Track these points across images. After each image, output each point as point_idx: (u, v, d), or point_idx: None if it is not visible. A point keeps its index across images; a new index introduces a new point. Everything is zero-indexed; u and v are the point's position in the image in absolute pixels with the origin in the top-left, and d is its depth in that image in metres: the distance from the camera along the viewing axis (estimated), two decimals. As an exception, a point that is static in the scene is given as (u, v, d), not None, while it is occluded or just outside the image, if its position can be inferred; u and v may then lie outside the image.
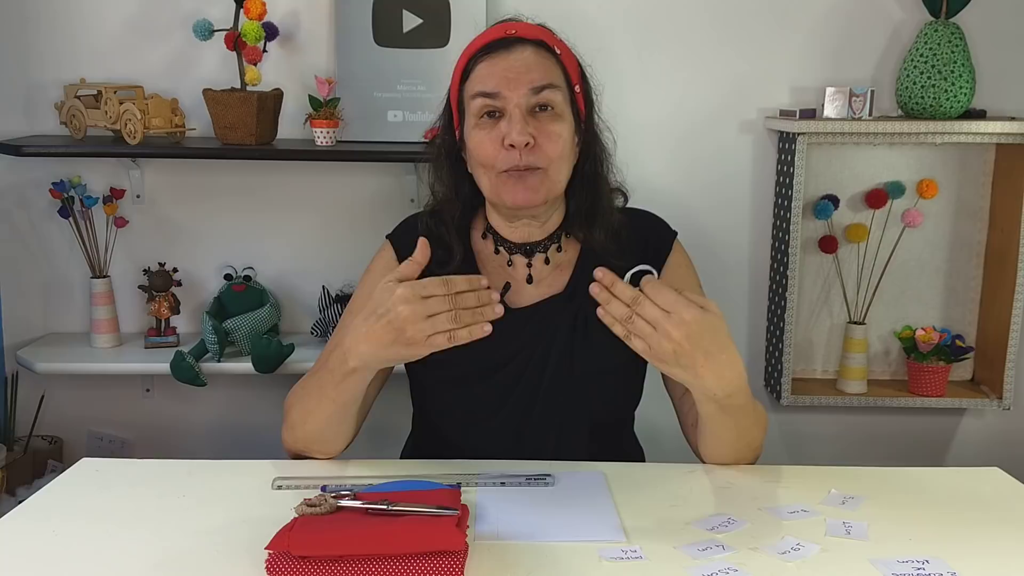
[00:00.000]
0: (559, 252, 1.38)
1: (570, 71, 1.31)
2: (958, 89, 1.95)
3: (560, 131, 1.28)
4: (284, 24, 2.03)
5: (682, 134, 2.11)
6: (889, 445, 2.26)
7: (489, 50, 1.28)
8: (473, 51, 1.30)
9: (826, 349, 2.22)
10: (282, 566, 0.93)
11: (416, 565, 0.92)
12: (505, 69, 1.26)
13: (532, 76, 1.26)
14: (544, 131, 1.26)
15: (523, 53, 1.28)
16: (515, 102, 1.25)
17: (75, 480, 1.22)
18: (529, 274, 1.37)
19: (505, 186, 1.28)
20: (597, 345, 1.31)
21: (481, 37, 1.32)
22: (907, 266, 2.17)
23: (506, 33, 1.29)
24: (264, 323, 2.03)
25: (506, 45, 1.28)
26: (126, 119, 1.89)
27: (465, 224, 1.40)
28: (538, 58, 1.28)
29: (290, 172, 2.11)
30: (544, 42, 1.30)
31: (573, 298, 1.34)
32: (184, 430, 2.22)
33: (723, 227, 2.15)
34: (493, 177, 1.29)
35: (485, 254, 1.39)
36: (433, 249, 1.29)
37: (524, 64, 1.26)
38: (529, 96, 1.26)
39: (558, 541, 1.04)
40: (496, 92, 1.26)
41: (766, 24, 2.07)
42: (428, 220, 1.38)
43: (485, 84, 1.27)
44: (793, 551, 1.03)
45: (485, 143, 1.27)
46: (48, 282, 2.16)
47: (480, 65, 1.28)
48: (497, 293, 1.11)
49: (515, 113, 1.25)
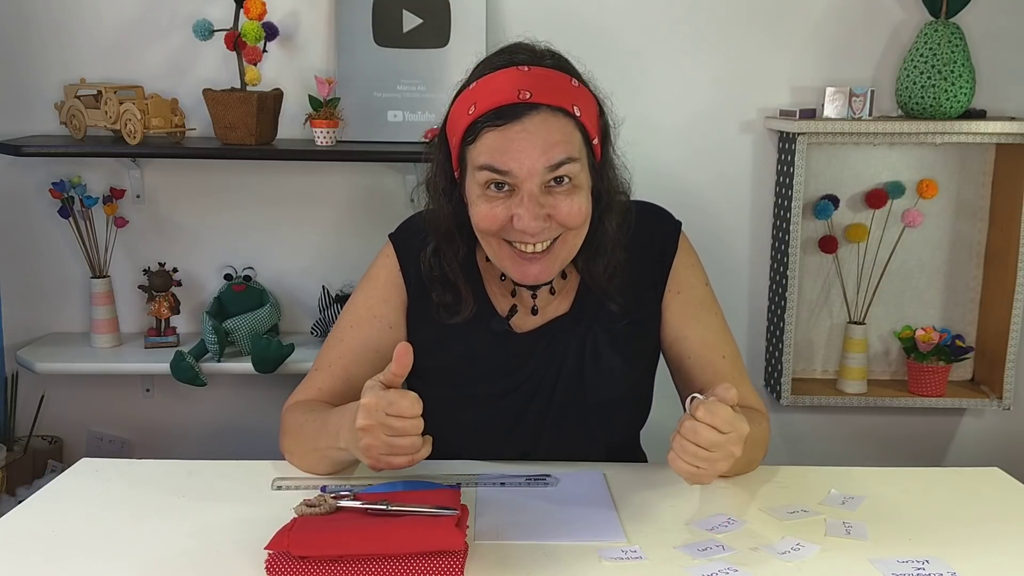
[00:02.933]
0: (564, 278, 1.30)
1: (588, 127, 1.17)
2: (958, 89, 1.95)
3: (579, 205, 1.15)
4: (284, 24, 2.03)
5: (682, 134, 2.11)
6: (889, 445, 2.26)
7: (499, 117, 1.12)
8: (479, 113, 1.13)
9: (826, 349, 2.22)
10: (282, 566, 0.93)
11: (416, 565, 0.93)
12: (518, 141, 1.11)
13: (549, 154, 1.12)
14: (560, 207, 1.14)
15: (538, 124, 1.12)
16: (529, 184, 1.12)
17: (75, 480, 1.22)
18: (534, 306, 1.29)
19: (513, 261, 1.18)
20: (607, 371, 1.28)
21: (489, 91, 1.14)
22: (907, 266, 2.17)
23: (519, 98, 1.12)
24: (264, 323, 2.03)
25: (517, 114, 1.12)
26: (126, 119, 1.89)
27: (469, 252, 1.28)
28: (555, 128, 1.13)
29: (290, 172, 2.11)
30: (562, 108, 1.14)
31: (579, 320, 1.29)
32: (184, 430, 2.22)
33: (723, 227, 2.15)
34: (496, 246, 1.19)
35: (490, 274, 1.30)
36: (441, 297, 1.27)
37: (540, 136, 1.12)
38: (544, 174, 1.13)
39: (558, 541, 1.04)
40: (507, 171, 1.12)
41: (766, 24, 2.07)
42: (431, 260, 1.26)
43: (494, 159, 1.12)
44: (793, 551, 1.02)
45: (489, 217, 1.15)
46: (48, 282, 2.16)
47: (488, 134, 1.13)
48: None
49: (527, 197, 1.12)
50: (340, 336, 1.33)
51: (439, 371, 1.30)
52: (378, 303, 1.31)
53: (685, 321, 1.32)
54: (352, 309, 1.33)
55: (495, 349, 1.28)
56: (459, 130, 1.16)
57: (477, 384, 1.29)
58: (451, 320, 1.26)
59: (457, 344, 1.29)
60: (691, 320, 1.32)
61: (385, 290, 1.31)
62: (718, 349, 1.32)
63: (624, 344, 1.30)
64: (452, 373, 1.29)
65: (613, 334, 1.29)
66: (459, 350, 1.29)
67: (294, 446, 1.25)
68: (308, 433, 1.22)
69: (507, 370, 1.28)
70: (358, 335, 1.31)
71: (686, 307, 1.32)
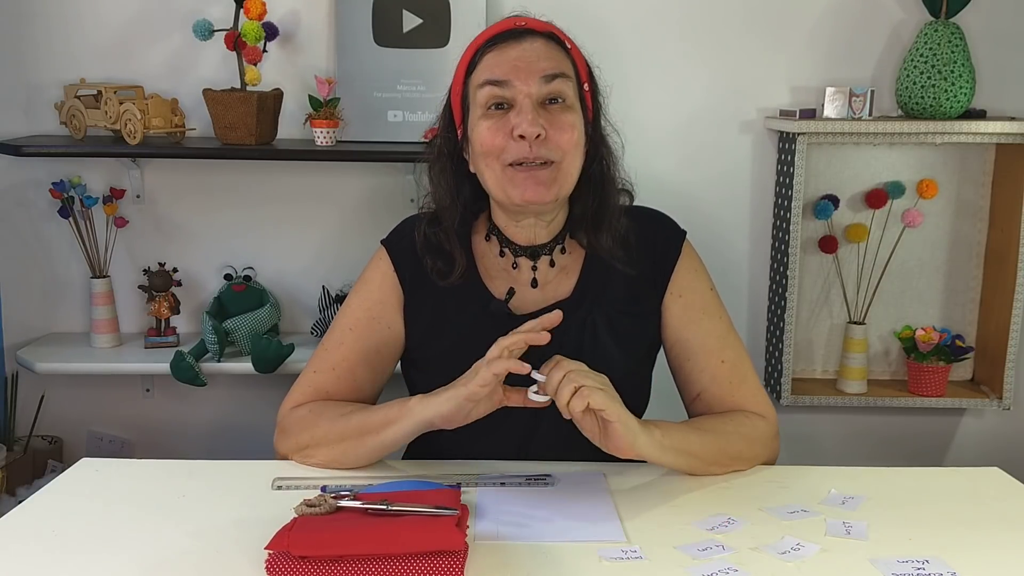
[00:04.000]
0: (563, 254, 1.34)
1: (579, 67, 1.29)
2: (958, 89, 1.95)
3: (573, 122, 1.24)
4: (284, 24, 2.03)
5: (682, 134, 2.11)
6: (889, 445, 2.26)
7: (498, 40, 1.25)
8: (481, 42, 1.27)
9: (826, 349, 2.22)
10: (282, 566, 0.93)
11: (416, 565, 0.93)
12: (515, 58, 1.23)
13: (543, 65, 1.22)
14: (556, 122, 1.22)
15: (534, 43, 1.24)
16: (525, 92, 1.21)
17: (75, 480, 1.22)
18: (534, 278, 1.33)
19: (513, 181, 1.23)
20: (604, 351, 1.29)
21: (489, 30, 1.29)
22: (907, 266, 2.17)
23: (516, 25, 1.26)
24: (264, 323, 2.03)
25: (516, 36, 1.25)
26: (126, 119, 1.89)
27: (466, 230, 1.35)
28: (549, 49, 1.25)
29: (290, 172, 2.11)
30: (555, 35, 1.28)
31: (581, 304, 1.31)
32: (184, 430, 2.22)
33: (723, 227, 2.15)
34: (499, 171, 1.24)
35: (488, 258, 1.34)
36: (434, 262, 1.31)
37: (535, 53, 1.23)
38: (540, 85, 1.22)
39: (558, 541, 1.04)
40: (506, 80, 1.22)
41: (766, 24, 2.07)
42: (426, 228, 1.33)
43: (493, 72, 1.23)
44: (793, 551, 1.03)
45: (492, 133, 1.22)
46: (48, 282, 2.16)
47: (488, 55, 1.25)
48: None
49: (525, 103, 1.21)
50: (340, 340, 1.34)
51: (438, 360, 1.32)
52: (375, 304, 1.34)
53: (686, 324, 1.33)
54: (349, 312, 1.35)
55: (492, 332, 1.27)
56: (462, 67, 1.28)
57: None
58: (445, 282, 1.30)
59: (455, 331, 1.31)
60: (692, 324, 1.33)
61: (381, 292, 1.34)
62: (718, 353, 1.33)
63: (621, 332, 1.31)
64: (451, 361, 1.28)
65: (612, 321, 1.31)
66: (457, 336, 1.31)
67: (322, 437, 1.25)
68: (354, 423, 1.24)
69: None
70: (359, 337, 1.33)
71: (687, 311, 1.34)
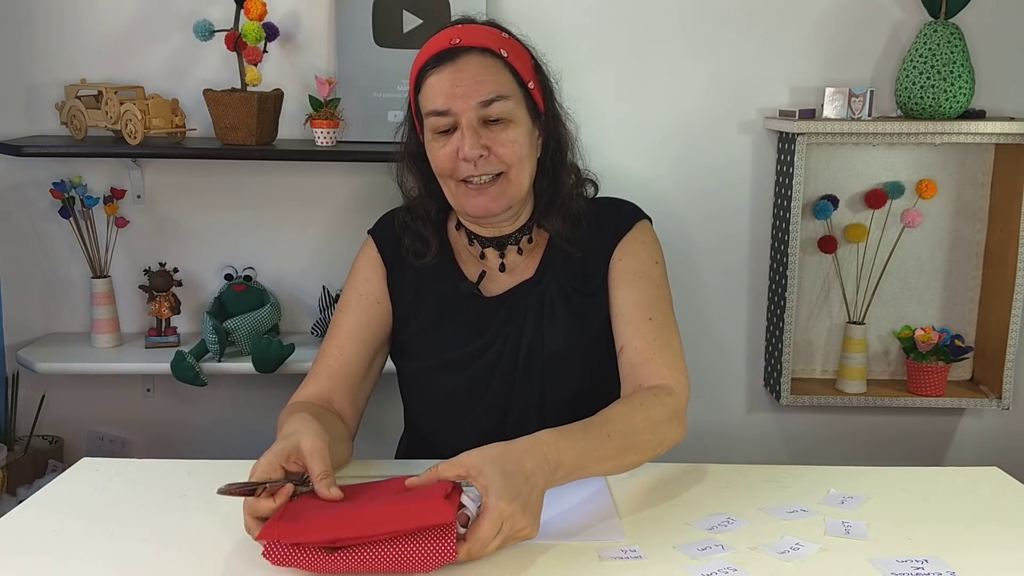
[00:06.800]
0: (530, 243, 1.41)
1: (521, 71, 1.31)
2: (957, 89, 1.95)
3: (514, 137, 1.29)
4: (284, 24, 2.03)
5: (682, 134, 2.11)
6: (888, 445, 2.26)
7: (435, 63, 1.29)
8: (420, 64, 1.31)
9: (825, 349, 2.22)
10: (279, 552, 0.95)
11: (407, 547, 0.93)
12: (452, 84, 1.27)
13: (480, 90, 1.26)
14: (497, 139, 1.28)
15: (468, 64, 1.27)
16: (467, 118, 1.27)
17: (75, 480, 1.22)
18: (502, 263, 1.40)
19: (466, 196, 1.31)
20: (562, 321, 1.35)
21: (428, 47, 1.31)
22: (907, 266, 2.17)
23: (451, 43, 1.29)
24: (264, 323, 2.03)
25: (451, 57, 1.28)
26: (127, 119, 1.89)
27: (441, 218, 1.43)
28: (484, 67, 1.28)
29: (290, 172, 2.11)
30: (489, 49, 1.29)
31: (541, 281, 1.38)
32: (184, 430, 2.22)
33: (722, 227, 2.15)
34: (454, 187, 1.32)
35: (460, 244, 1.42)
36: (411, 243, 1.40)
37: (471, 77, 1.27)
38: (478, 109, 1.27)
39: (558, 541, 1.04)
40: (446, 110, 1.27)
41: (766, 24, 2.07)
42: (404, 216, 1.41)
43: (435, 103, 1.28)
44: (792, 551, 1.03)
45: (443, 157, 1.30)
46: (48, 282, 2.17)
47: (429, 79, 1.29)
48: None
49: (467, 128, 1.27)
50: (333, 333, 1.40)
51: (415, 340, 1.40)
52: (362, 283, 1.41)
53: (619, 284, 1.37)
54: (342, 301, 1.43)
55: (465, 312, 1.38)
56: (411, 85, 1.34)
57: (449, 349, 1.37)
58: (420, 262, 1.38)
59: (431, 310, 1.39)
60: (625, 284, 1.36)
61: (367, 271, 1.42)
62: (646, 310, 1.33)
63: (576, 306, 1.37)
64: (427, 340, 1.39)
65: (568, 296, 1.37)
66: (433, 316, 1.38)
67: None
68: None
69: (476, 331, 1.37)
70: (347, 318, 1.39)
71: (624, 272, 1.37)
